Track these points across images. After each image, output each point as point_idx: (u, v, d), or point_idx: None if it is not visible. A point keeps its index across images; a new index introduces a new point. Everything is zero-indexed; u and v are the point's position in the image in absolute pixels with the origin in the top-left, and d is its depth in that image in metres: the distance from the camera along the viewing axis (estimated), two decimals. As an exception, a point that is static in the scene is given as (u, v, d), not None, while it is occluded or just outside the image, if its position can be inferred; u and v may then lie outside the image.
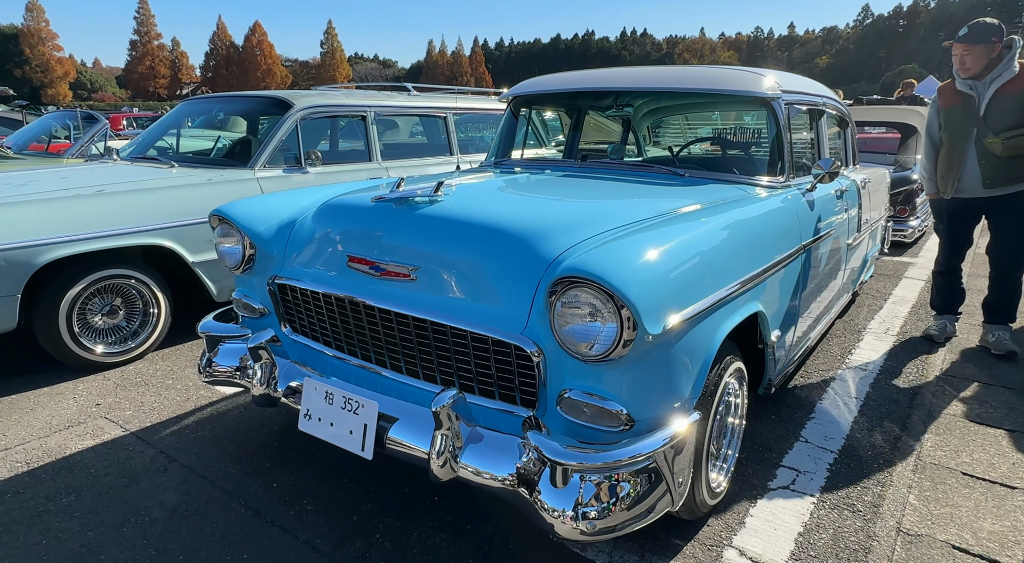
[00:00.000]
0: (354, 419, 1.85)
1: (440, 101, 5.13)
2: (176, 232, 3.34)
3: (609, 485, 1.49)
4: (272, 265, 2.28)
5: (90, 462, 2.35)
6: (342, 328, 2.06)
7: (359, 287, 1.94)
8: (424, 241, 1.83)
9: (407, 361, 1.90)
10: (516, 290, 1.66)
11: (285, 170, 3.94)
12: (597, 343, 1.44)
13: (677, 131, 3.36)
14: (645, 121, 3.51)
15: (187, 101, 4.82)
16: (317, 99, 4.19)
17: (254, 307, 2.38)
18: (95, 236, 3.02)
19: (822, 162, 2.66)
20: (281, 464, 2.34)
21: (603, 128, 3.80)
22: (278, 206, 2.42)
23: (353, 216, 2.04)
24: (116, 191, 3.19)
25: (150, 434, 2.56)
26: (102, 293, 3.18)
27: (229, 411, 2.77)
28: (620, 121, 3.54)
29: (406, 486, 2.19)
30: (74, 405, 2.82)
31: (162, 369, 3.24)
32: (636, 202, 2.07)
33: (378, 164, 4.49)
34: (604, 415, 1.51)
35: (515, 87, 3.39)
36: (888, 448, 2.35)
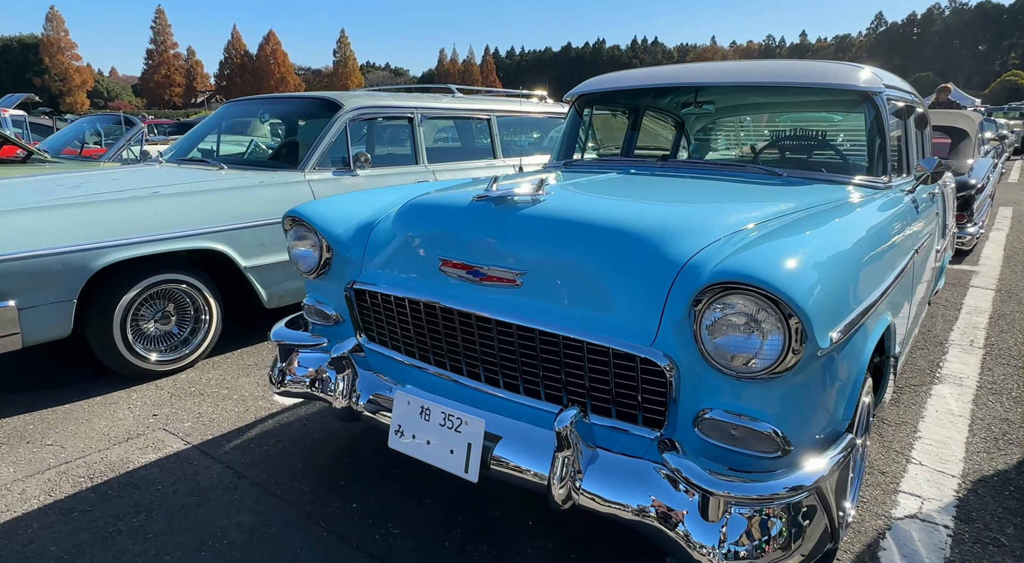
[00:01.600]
0: (456, 437, 1.70)
1: (483, 104, 5.01)
2: (229, 235, 3.23)
3: (761, 519, 1.33)
4: (349, 269, 2.14)
5: (156, 478, 2.21)
6: (429, 337, 1.92)
7: (453, 293, 1.80)
8: (533, 244, 1.68)
9: (506, 374, 1.75)
10: (642, 296, 1.51)
11: (335, 172, 3.82)
12: (758, 358, 1.28)
13: (758, 129, 3.20)
14: (726, 119, 3.36)
15: (230, 103, 4.74)
16: (366, 100, 4.08)
17: (328, 314, 2.25)
18: (151, 239, 2.91)
19: (925, 162, 2.50)
20: (357, 482, 2.20)
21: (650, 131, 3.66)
22: (354, 207, 2.29)
23: (447, 217, 1.90)
24: (170, 193, 3.08)
25: (213, 448, 2.43)
26: (154, 299, 3.07)
27: (292, 423, 2.63)
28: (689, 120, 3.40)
29: (495, 509, 2.03)
30: (130, 416, 2.70)
31: (215, 378, 3.12)
32: (750, 202, 1.92)
33: (424, 167, 4.37)
34: (757, 438, 1.35)
35: (583, 85, 3.26)
36: (1014, 473, 2.17)
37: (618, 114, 3.55)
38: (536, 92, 5.97)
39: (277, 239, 3.44)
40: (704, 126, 3.41)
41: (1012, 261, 5.50)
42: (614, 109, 3.54)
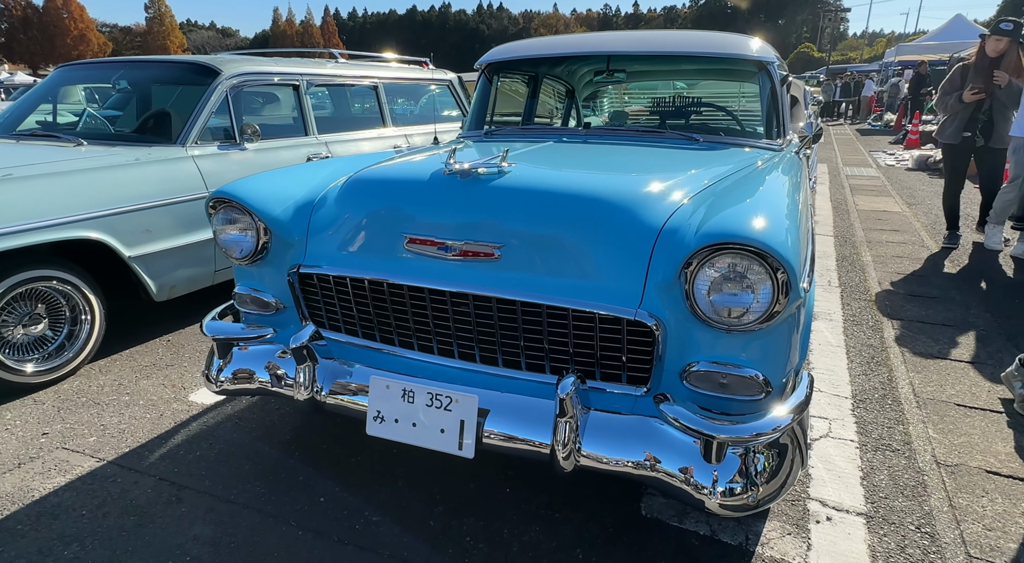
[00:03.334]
0: (446, 416, 1.68)
1: (370, 70, 4.77)
2: (106, 222, 2.81)
3: (751, 456, 1.50)
4: (291, 253, 2.00)
5: (74, 503, 1.93)
6: (394, 318, 1.86)
7: (422, 271, 1.76)
8: (511, 216, 1.68)
9: (483, 348, 1.77)
10: (623, 262, 1.59)
11: (220, 147, 3.45)
12: (751, 311, 1.43)
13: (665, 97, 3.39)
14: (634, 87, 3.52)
15: (63, 67, 4.03)
16: (246, 66, 3.70)
17: (267, 302, 2.08)
18: (12, 231, 2.44)
19: (807, 126, 2.84)
20: (316, 476, 2.09)
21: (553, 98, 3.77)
22: (288, 185, 2.12)
23: (409, 192, 1.83)
24: (29, 175, 2.60)
25: (134, 461, 2.16)
26: (19, 300, 2.60)
27: (221, 424, 2.41)
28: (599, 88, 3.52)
29: (470, 482, 2.05)
30: (12, 438, 2.30)
31: (108, 384, 2.74)
32: (691, 168, 2.06)
33: (315, 138, 4.09)
34: (743, 384, 1.51)
35: (492, 52, 3.24)
36: (888, 388, 2.62)
37: (518, 82, 3.58)
38: (417, 58, 5.79)
39: (163, 224, 3.06)
40: (613, 94, 3.55)
41: (839, 210, 6.45)
42: (521, 77, 3.57)
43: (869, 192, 7.54)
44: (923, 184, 8.08)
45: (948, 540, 1.75)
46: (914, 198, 7.12)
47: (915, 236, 5.30)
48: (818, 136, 2.78)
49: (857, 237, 5.29)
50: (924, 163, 9.47)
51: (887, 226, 5.70)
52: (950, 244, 4.90)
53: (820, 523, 1.83)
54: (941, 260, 4.55)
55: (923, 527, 1.80)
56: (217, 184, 3.33)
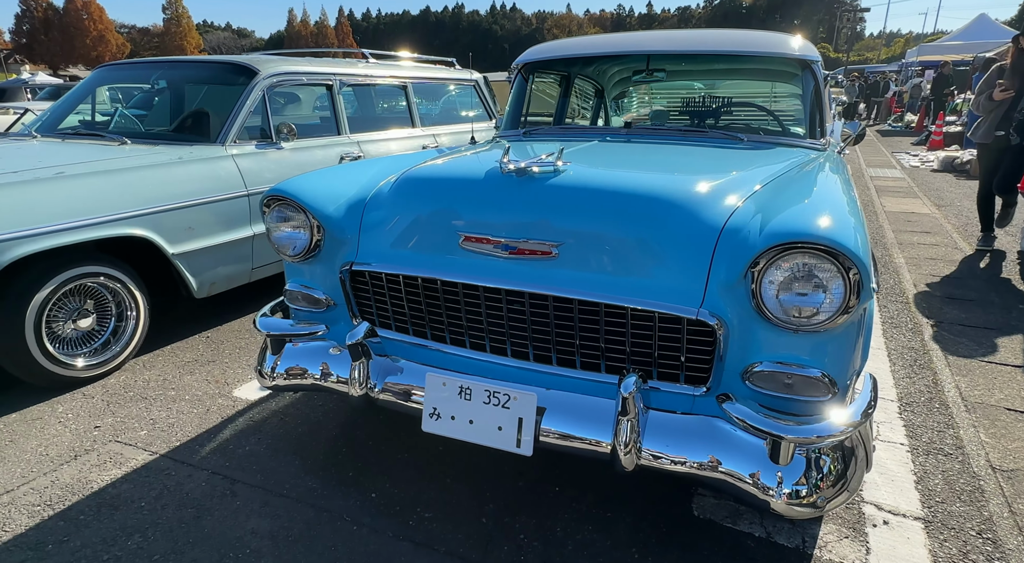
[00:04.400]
0: (504, 414, 1.69)
1: (400, 70, 4.80)
2: (152, 219, 2.85)
3: (816, 459, 1.49)
4: (343, 250, 2.01)
5: (132, 495, 1.96)
6: (447, 316, 1.87)
7: (478, 269, 1.77)
8: (570, 214, 1.69)
9: (537, 347, 1.77)
10: (684, 261, 1.59)
11: (257, 145, 3.49)
12: (822, 311, 1.42)
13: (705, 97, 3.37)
14: (674, 87, 3.50)
15: (103, 67, 4.09)
16: (282, 65, 3.74)
17: (318, 298, 2.10)
18: (65, 227, 2.49)
19: (850, 125, 2.82)
20: (365, 472, 2.11)
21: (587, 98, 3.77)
22: (340, 183, 2.14)
23: (465, 190, 1.84)
24: (80, 173, 2.64)
25: (186, 455, 2.19)
26: (69, 296, 2.65)
27: (267, 419, 2.44)
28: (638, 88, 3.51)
29: (518, 481, 2.06)
30: (66, 431, 2.34)
31: (153, 379, 2.78)
32: (743, 166, 2.05)
33: (347, 137, 4.12)
34: (809, 384, 1.50)
35: (529, 52, 3.26)
36: (934, 391, 2.59)
37: (548, 82, 3.59)
38: (445, 58, 5.81)
39: (205, 221, 3.10)
40: (649, 93, 3.54)
41: (866, 212, 6.38)
42: (553, 77, 3.57)
43: (896, 193, 7.46)
44: (950, 186, 7.98)
45: (1012, 547, 1.73)
46: (942, 199, 7.03)
47: (947, 238, 5.24)
48: (861, 136, 2.75)
49: (887, 239, 5.24)
50: (950, 164, 9.35)
51: (917, 228, 5.64)
52: (985, 246, 4.83)
53: (877, 527, 1.81)
54: (976, 262, 4.49)
55: (984, 533, 1.78)
56: (255, 182, 3.37)
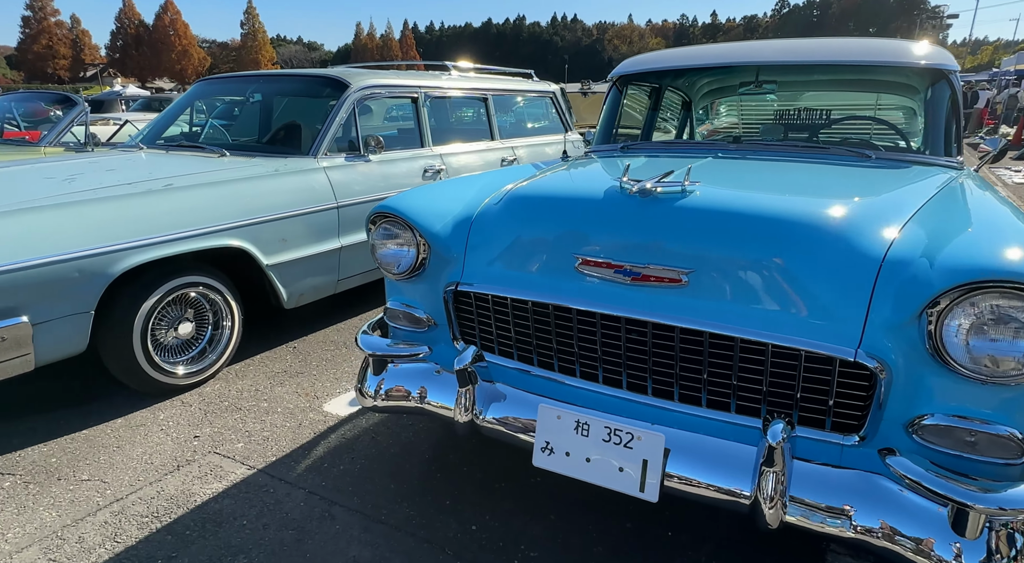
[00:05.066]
0: (626, 454, 1.57)
1: (481, 82, 4.78)
2: (249, 231, 2.89)
3: (1008, 533, 1.29)
4: (448, 269, 1.95)
5: (234, 511, 1.95)
6: (556, 342, 1.77)
7: (596, 294, 1.66)
8: (701, 239, 1.56)
9: (657, 380, 1.65)
10: (836, 295, 1.43)
11: (347, 158, 3.52)
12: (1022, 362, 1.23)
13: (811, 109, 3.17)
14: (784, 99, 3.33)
15: (203, 81, 4.25)
16: (371, 79, 3.77)
17: (419, 318, 2.05)
18: (173, 238, 2.54)
19: (989, 142, 2.57)
20: (462, 500, 2.03)
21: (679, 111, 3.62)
22: (445, 200, 2.09)
23: (583, 211, 1.74)
24: (186, 185, 2.71)
25: (283, 471, 2.18)
26: (171, 305, 2.71)
27: (359, 438, 2.40)
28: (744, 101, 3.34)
29: (626, 522, 1.93)
30: (168, 439, 2.37)
31: (246, 389, 2.81)
32: (886, 187, 1.87)
33: (430, 150, 4.11)
34: (995, 444, 1.31)
35: (626, 64, 3.15)
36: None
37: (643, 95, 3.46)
38: (523, 70, 5.78)
39: (297, 233, 3.13)
40: (755, 106, 3.37)
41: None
42: (647, 89, 3.45)
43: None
44: (1061, 204, 7.33)
45: None
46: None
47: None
48: (1003, 153, 2.50)
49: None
50: (1058, 181, 8.61)
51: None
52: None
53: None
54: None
55: None
56: (345, 195, 3.39)
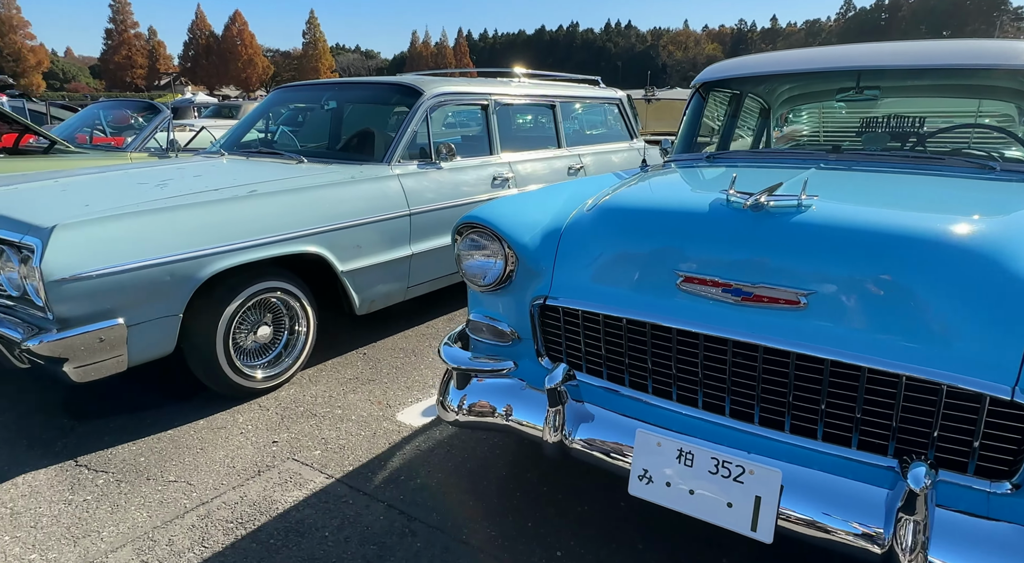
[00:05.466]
0: (735, 489, 1.46)
1: (549, 89, 4.73)
2: (326, 237, 2.91)
3: None
4: (535, 282, 1.89)
5: (315, 521, 1.94)
6: (651, 363, 1.68)
7: (702, 314, 1.56)
8: (825, 259, 1.44)
9: (766, 409, 1.53)
10: (987, 324, 1.29)
11: (419, 165, 3.51)
12: None
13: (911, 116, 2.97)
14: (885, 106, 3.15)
15: (280, 89, 4.35)
16: (444, 86, 3.77)
17: (503, 331, 1.99)
18: (257, 243, 2.58)
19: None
20: (545, 523, 1.95)
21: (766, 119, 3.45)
22: (532, 210, 2.03)
23: (688, 225, 1.65)
24: (268, 192, 2.75)
25: (361, 482, 2.16)
26: (252, 309, 2.75)
27: (433, 450, 2.36)
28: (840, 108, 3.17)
29: (720, 557, 1.81)
30: (248, 443, 2.39)
31: (319, 395, 2.82)
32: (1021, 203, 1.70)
33: (498, 157, 4.08)
34: None
35: (712, 70, 3.04)
36: None
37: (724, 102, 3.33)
38: (590, 77, 5.69)
39: (371, 240, 3.14)
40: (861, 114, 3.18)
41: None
42: (728, 95, 3.31)
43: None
44: None
45: None
46: None
47: None
48: None
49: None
50: None
51: None
52: None
53: None
54: None
55: None
56: (417, 202, 3.38)
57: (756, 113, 3.51)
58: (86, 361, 2.15)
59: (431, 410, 2.68)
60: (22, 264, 2.09)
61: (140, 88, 71.51)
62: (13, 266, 2.11)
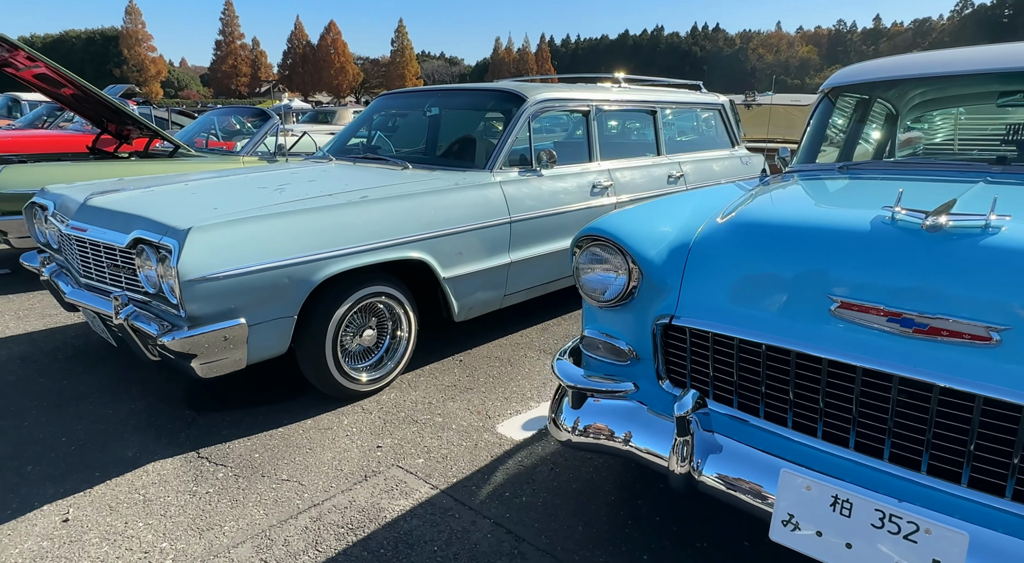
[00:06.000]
0: (907, 549, 1.28)
1: (650, 94, 4.57)
2: (431, 244, 2.92)
3: None
4: (660, 300, 1.77)
5: (424, 534, 1.91)
6: (793, 394, 1.53)
7: (862, 345, 1.40)
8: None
9: (937, 456, 1.35)
10: None
11: (520, 172, 3.47)
12: None
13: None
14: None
15: (384, 95, 4.45)
16: (547, 93, 3.71)
17: (620, 350, 1.89)
18: (368, 248, 2.62)
19: None
20: (661, 557, 1.83)
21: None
22: (656, 222, 1.92)
23: (847, 245, 1.49)
24: (379, 198, 2.78)
25: (465, 495, 2.12)
26: (358, 313, 2.79)
27: (537, 467, 2.29)
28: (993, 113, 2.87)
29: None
30: (353, 446, 2.42)
31: (419, 401, 2.82)
32: None
33: (597, 165, 3.97)
34: None
35: (843, 74, 2.82)
36: None
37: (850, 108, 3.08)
38: (692, 82, 5.48)
39: (472, 247, 3.12)
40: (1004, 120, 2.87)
41: None
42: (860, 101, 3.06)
43: None
44: None
45: None
46: None
47: None
48: None
49: None
50: None
51: None
52: None
53: None
54: None
55: None
56: (517, 209, 3.34)
57: (882, 119, 3.24)
58: (211, 358, 2.24)
59: (531, 424, 2.62)
60: (160, 263, 2.20)
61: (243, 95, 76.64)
62: (152, 265, 2.23)
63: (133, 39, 68.59)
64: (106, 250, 2.50)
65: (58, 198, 2.97)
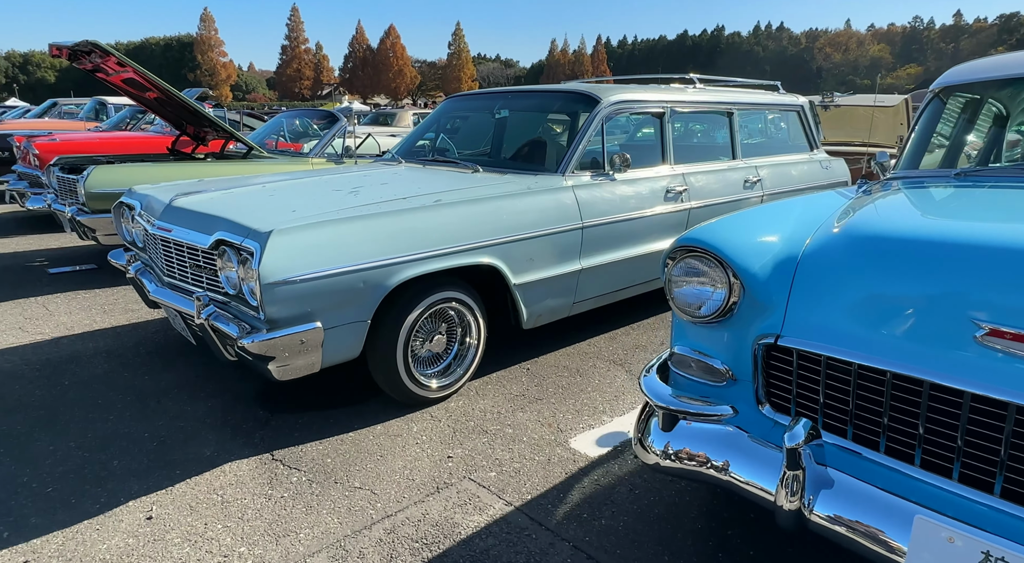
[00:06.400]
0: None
1: (725, 95, 4.37)
2: (503, 249, 2.84)
3: None
4: (763, 317, 1.63)
5: (501, 554, 1.83)
6: (923, 427, 1.36)
7: (1015, 378, 1.23)
8: None
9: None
10: None
11: (593, 176, 3.36)
12: None
13: None
14: None
15: (452, 98, 4.43)
16: (621, 94, 3.58)
17: (716, 369, 1.75)
18: (440, 253, 2.57)
19: None
20: (755, 592, 1.69)
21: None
22: (759, 233, 1.78)
23: (1003, 265, 1.32)
24: (452, 202, 2.73)
25: (540, 514, 2.03)
26: (429, 319, 2.75)
27: (615, 487, 2.18)
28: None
29: None
30: (424, 455, 2.37)
31: (488, 410, 2.75)
32: None
33: (671, 168, 3.81)
34: None
35: (953, 73, 2.59)
36: None
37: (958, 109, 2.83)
38: (770, 82, 5.24)
39: (543, 253, 3.03)
40: None
41: None
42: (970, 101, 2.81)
43: None
44: None
45: None
46: None
47: None
48: None
49: None
50: None
51: None
52: None
53: None
54: None
55: None
56: (590, 214, 3.23)
57: (990, 121, 2.97)
58: (288, 361, 2.23)
59: (605, 440, 2.51)
60: (241, 265, 2.21)
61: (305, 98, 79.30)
62: (233, 266, 2.24)
63: (206, 45, 72.06)
64: (189, 250, 2.54)
65: (144, 198, 3.05)
